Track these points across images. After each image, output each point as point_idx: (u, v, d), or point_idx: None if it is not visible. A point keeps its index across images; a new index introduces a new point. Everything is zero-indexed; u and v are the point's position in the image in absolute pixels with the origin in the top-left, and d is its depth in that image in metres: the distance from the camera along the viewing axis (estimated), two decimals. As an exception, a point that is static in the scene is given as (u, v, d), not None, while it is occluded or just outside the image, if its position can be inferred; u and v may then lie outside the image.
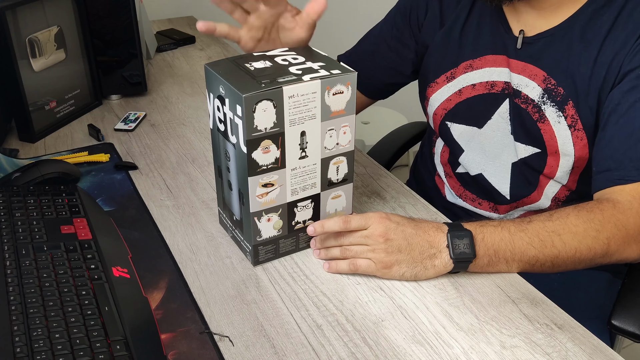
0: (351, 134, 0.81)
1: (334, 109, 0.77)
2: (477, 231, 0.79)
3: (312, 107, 0.75)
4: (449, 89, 1.05)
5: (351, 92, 0.78)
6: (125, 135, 1.17)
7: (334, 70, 0.76)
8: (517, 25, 0.97)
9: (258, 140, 0.74)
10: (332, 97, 0.76)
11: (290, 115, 0.74)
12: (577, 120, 0.93)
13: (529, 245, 0.79)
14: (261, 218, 0.80)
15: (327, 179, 0.82)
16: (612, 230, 0.80)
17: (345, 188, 0.85)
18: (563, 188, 1.01)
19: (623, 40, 0.88)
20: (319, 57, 0.81)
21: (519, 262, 0.79)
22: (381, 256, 0.78)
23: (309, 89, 0.74)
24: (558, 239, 0.79)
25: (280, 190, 0.79)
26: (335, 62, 0.79)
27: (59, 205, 0.90)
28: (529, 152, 0.99)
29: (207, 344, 0.70)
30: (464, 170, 1.10)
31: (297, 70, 0.76)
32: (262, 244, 0.82)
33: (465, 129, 1.05)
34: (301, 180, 0.80)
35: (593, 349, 0.70)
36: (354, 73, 0.77)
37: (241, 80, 0.74)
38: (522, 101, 0.97)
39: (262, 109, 0.72)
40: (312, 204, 0.83)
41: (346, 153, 0.82)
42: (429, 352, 0.70)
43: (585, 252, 0.79)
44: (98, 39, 1.27)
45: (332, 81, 0.75)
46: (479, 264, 0.79)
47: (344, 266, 0.80)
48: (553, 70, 0.93)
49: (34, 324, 0.66)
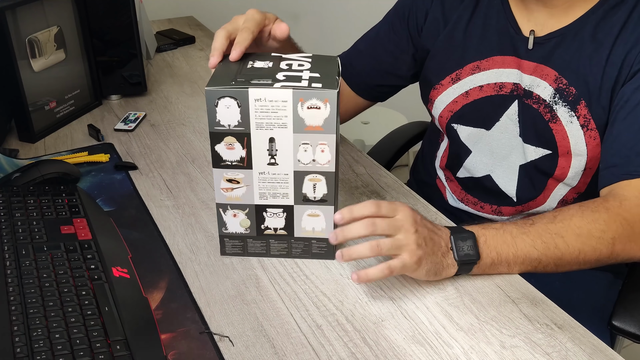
0: (331, 155, 0.76)
1: (308, 123, 0.74)
2: (479, 233, 0.78)
3: (283, 116, 0.74)
4: (454, 91, 1.04)
5: (330, 110, 0.73)
6: (125, 136, 1.17)
7: (316, 84, 0.73)
8: (528, 25, 0.96)
9: (221, 135, 0.76)
10: (307, 111, 0.73)
11: (256, 118, 0.74)
12: (589, 120, 0.92)
13: (532, 247, 0.78)
14: (226, 211, 0.82)
15: (302, 193, 0.80)
16: (618, 229, 0.79)
17: (325, 209, 0.80)
18: (572, 190, 1.01)
19: (634, 40, 0.88)
20: (324, 69, 0.78)
21: (521, 265, 0.79)
22: (413, 248, 0.73)
23: (279, 96, 0.73)
24: (561, 241, 0.78)
25: (247, 190, 0.80)
26: (332, 78, 0.75)
27: (59, 205, 0.90)
28: (539, 154, 0.99)
29: (207, 344, 0.70)
30: (465, 175, 1.10)
31: (284, 76, 0.75)
32: (228, 236, 0.84)
33: (473, 130, 1.05)
34: (270, 187, 0.79)
35: (593, 349, 0.70)
36: (333, 91, 0.72)
37: (222, 74, 0.76)
38: (533, 101, 0.96)
39: (225, 105, 0.74)
40: (284, 214, 0.81)
41: (325, 173, 0.78)
42: (429, 352, 0.70)
43: (590, 252, 0.79)
44: (98, 39, 1.27)
45: (306, 94, 0.72)
46: (481, 266, 0.78)
47: (377, 273, 0.73)
48: (564, 70, 0.93)
49: (34, 324, 0.66)
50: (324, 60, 0.80)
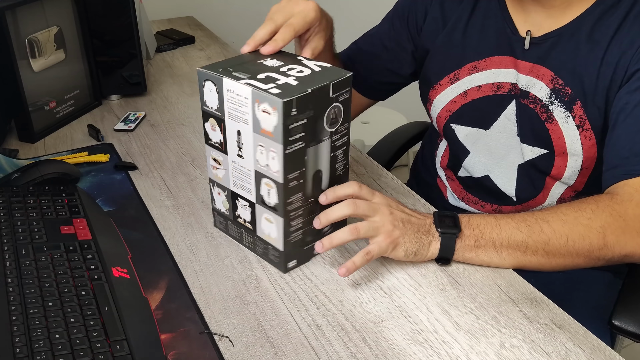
0: (279, 165, 0.73)
1: (262, 126, 0.73)
2: (462, 215, 0.82)
3: (245, 112, 0.74)
4: (453, 91, 1.04)
5: (278, 118, 0.70)
6: (125, 136, 1.17)
7: (277, 90, 0.71)
8: (524, 25, 0.96)
9: (207, 115, 0.80)
10: (262, 114, 0.72)
11: (228, 107, 0.77)
12: (585, 120, 0.93)
13: (516, 229, 0.79)
14: (213, 187, 0.86)
15: (260, 195, 0.79)
16: (607, 219, 0.79)
17: (277, 219, 0.78)
18: (569, 189, 1.01)
19: (630, 40, 0.88)
20: (317, 81, 0.74)
21: (507, 248, 0.79)
22: (389, 229, 0.77)
23: (242, 92, 0.73)
24: (546, 226, 0.79)
25: (225, 174, 0.83)
26: (302, 90, 0.71)
27: (59, 205, 0.90)
28: (536, 153, 0.99)
29: (207, 344, 0.70)
30: (465, 175, 1.10)
31: (266, 75, 0.75)
32: (216, 211, 0.88)
33: (471, 130, 1.05)
34: (239, 178, 0.81)
35: (593, 349, 0.70)
36: (279, 100, 0.69)
37: (227, 61, 0.80)
38: (530, 101, 0.97)
39: (208, 88, 0.78)
40: (250, 209, 0.81)
41: (275, 182, 0.75)
42: (428, 352, 0.70)
43: (579, 240, 0.78)
44: (98, 39, 1.27)
45: (261, 97, 0.71)
46: (465, 243, 0.80)
47: (360, 259, 0.77)
48: (560, 71, 0.93)
49: (34, 324, 0.66)
50: (331, 73, 0.76)
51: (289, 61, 0.80)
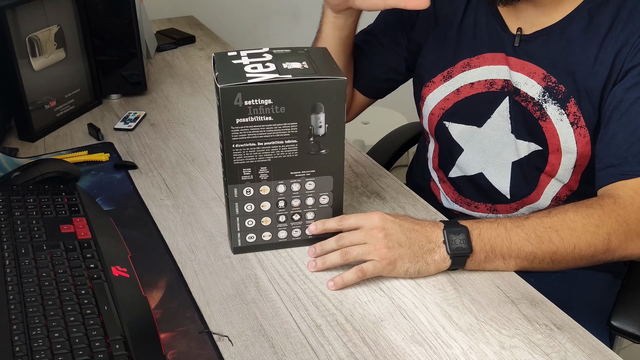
0: None
1: None
2: (473, 227, 0.79)
3: None
4: (446, 88, 1.05)
5: None
6: (125, 135, 1.17)
7: (236, 81, 0.73)
8: (515, 23, 0.97)
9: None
10: None
11: None
12: (579, 118, 0.93)
13: (526, 241, 0.79)
14: None
15: None
16: (613, 225, 0.79)
17: None
18: (564, 187, 1.01)
19: (624, 38, 0.88)
20: (316, 70, 0.76)
21: (516, 259, 0.79)
22: (383, 252, 0.77)
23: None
24: (555, 235, 0.79)
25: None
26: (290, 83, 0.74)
27: (59, 204, 0.90)
28: (531, 149, 0.99)
29: (206, 344, 0.70)
30: (457, 175, 1.10)
31: (252, 68, 0.76)
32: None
33: (465, 128, 1.05)
34: None
35: (592, 350, 0.70)
36: (219, 85, 0.73)
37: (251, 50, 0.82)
38: (522, 99, 0.97)
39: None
40: None
41: None
42: (428, 352, 0.70)
43: (585, 247, 0.79)
44: (98, 39, 1.27)
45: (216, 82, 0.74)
46: (475, 259, 0.79)
47: (351, 276, 0.78)
48: (553, 68, 0.94)
49: (33, 323, 0.66)
50: (323, 64, 0.78)
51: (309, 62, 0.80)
